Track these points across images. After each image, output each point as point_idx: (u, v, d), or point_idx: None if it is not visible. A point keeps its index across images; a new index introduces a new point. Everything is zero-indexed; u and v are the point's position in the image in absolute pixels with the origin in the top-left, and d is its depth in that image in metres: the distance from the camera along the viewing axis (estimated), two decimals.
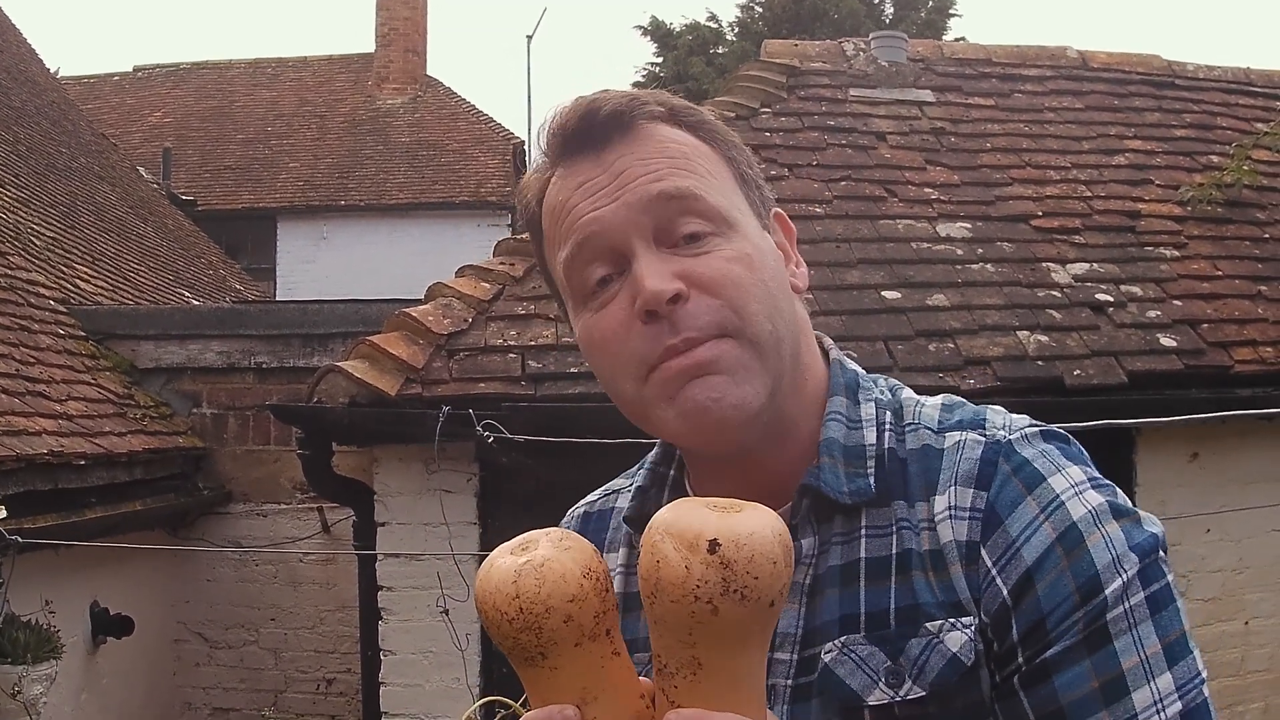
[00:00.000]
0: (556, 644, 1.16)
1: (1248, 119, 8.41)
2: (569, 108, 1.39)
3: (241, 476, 9.39)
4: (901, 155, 7.62)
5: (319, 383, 6.04)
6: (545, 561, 1.17)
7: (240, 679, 9.38)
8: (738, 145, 1.45)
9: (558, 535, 1.21)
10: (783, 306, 1.37)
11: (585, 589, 1.17)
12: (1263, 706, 6.49)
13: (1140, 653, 1.23)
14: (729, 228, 1.35)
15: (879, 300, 6.33)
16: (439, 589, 6.05)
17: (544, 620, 1.15)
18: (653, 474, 1.54)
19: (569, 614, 1.15)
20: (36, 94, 14.90)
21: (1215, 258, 7.00)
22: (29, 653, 6.23)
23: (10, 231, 9.77)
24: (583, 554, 1.19)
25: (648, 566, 1.12)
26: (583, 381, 5.87)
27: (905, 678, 1.27)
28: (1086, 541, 1.25)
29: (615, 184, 1.34)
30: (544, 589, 1.15)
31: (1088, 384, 5.98)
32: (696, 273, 1.32)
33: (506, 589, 1.16)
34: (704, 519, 1.11)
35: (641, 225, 1.33)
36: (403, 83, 23.41)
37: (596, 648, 1.18)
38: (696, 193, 1.34)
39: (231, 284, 16.27)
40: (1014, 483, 1.30)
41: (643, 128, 1.37)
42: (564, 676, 1.17)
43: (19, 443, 6.43)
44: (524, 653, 1.17)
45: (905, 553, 1.32)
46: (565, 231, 1.37)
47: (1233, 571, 6.47)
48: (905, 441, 1.40)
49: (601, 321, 1.37)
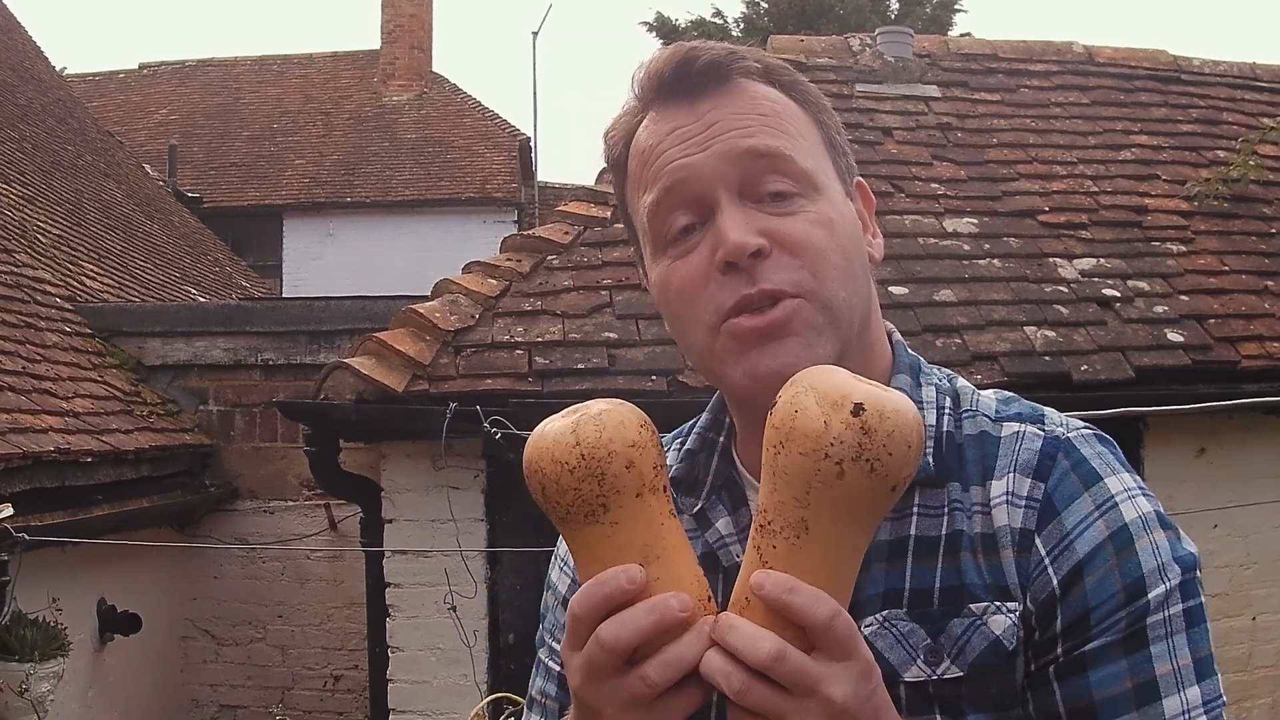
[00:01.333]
0: (619, 492, 1.14)
1: (1254, 114, 8.39)
2: (666, 54, 1.39)
3: (248, 473, 9.40)
4: (908, 151, 7.62)
5: (326, 379, 6.04)
6: (603, 411, 1.17)
7: (247, 676, 9.39)
8: (829, 110, 1.46)
9: (606, 401, 1.20)
10: (858, 275, 1.38)
11: (644, 437, 1.17)
12: (1270, 702, 6.49)
13: (1174, 662, 1.24)
14: (815, 190, 1.36)
15: (886, 296, 6.32)
16: (446, 585, 6.06)
17: (607, 465, 1.13)
18: (702, 439, 1.54)
19: (630, 459, 1.14)
20: (42, 91, 14.90)
21: (1222, 253, 6.99)
22: (36, 650, 6.24)
23: (16, 229, 9.78)
24: (635, 410, 1.19)
25: (783, 414, 1.11)
26: (590, 378, 5.87)
27: (944, 657, 1.28)
28: (1136, 544, 1.27)
29: (707, 133, 1.35)
30: (605, 433, 1.14)
31: (1095, 379, 5.98)
32: (780, 231, 1.33)
33: (566, 439, 1.15)
34: (854, 384, 1.10)
35: (729, 177, 1.33)
36: (408, 79, 23.40)
37: (656, 502, 1.17)
38: (786, 153, 1.34)
39: (238, 281, 16.28)
40: (1072, 478, 1.31)
41: (738, 82, 1.37)
42: (624, 532, 1.15)
43: (26, 440, 6.44)
44: (585, 506, 1.15)
45: (956, 534, 1.33)
46: (653, 176, 1.38)
47: (1240, 567, 6.46)
48: (963, 427, 1.40)
49: (680, 269, 1.37)
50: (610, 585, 1.14)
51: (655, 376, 5.87)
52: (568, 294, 6.38)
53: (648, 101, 1.41)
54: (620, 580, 1.13)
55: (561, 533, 1.21)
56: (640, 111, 1.42)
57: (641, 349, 6.03)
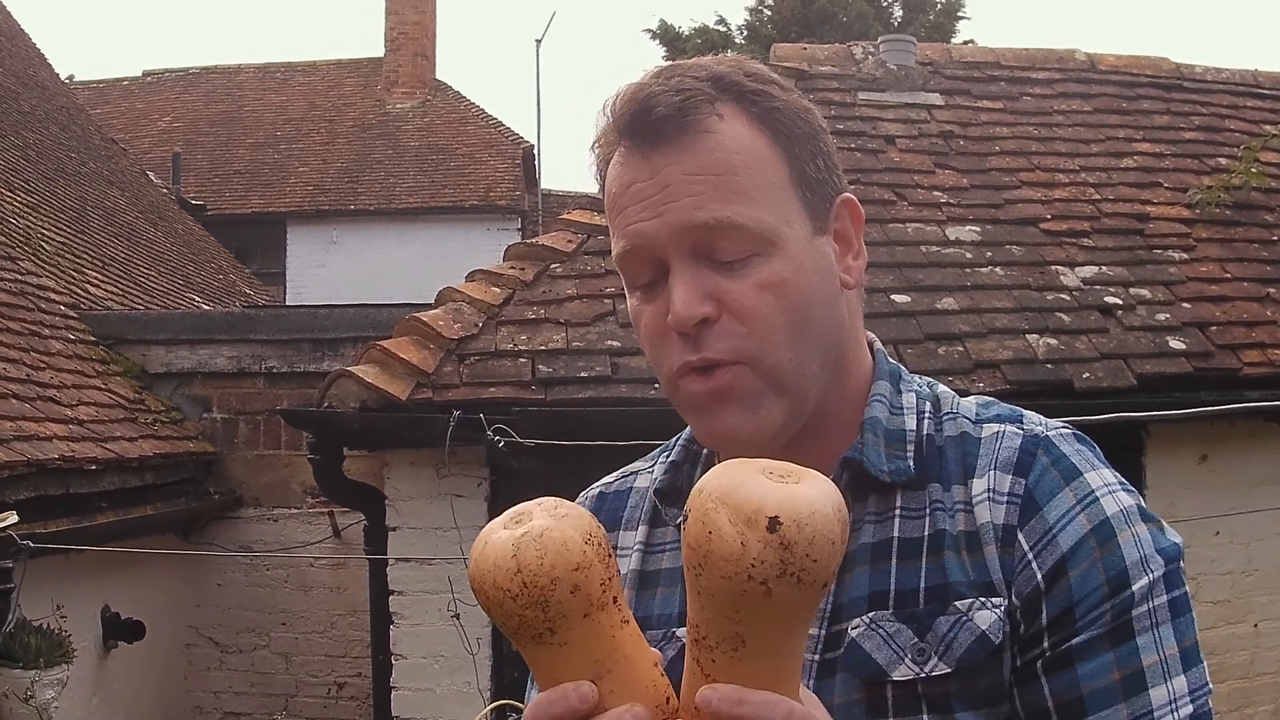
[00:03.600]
0: (565, 616, 1.10)
1: (1256, 121, 8.38)
2: (626, 96, 1.38)
3: (252, 481, 9.40)
4: (910, 159, 7.62)
5: (329, 387, 6.05)
6: (544, 531, 1.11)
7: (251, 683, 9.39)
8: (806, 135, 1.42)
9: (551, 504, 1.16)
10: (814, 326, 1.38)
11: (589, 556, 1.12)
12: (1272, 709, 6.49)
13: (1160, 652, 1.26)
14: (771, 246, 1.35)
15: (888, 304, 6.33)
16: (450, 593, 6.06)
17: (550, 593, 1.09)
18: (686, 450, 1.56)
19: (575, 583, 1.10)
20: (46, 99, 14.91)
21: (1224, 260, 6.99)
22: (40, 657, 6.24)
23: (20, 236, 9.79)
24: (581, 519, 1.14)
25: (697, 535, 1.07)
26: (593, 386, 5.88)
27: (931, 655, 1.29)
28: (1118, 537, 1.29)
29: (660, 196, 1.34)
30: (547, 559, 1.10)
31: (1097, 387, 5.98)
32: (729, 297, 1.34)
33: (506, 564, 1.10)
34: (763, 490, 1.06)
35: (680, 245, 1.34)
36: (412, 87, 23.40)
37: (605, 617, 1.13)
38: (736, 221, 1.33)
39: (241, 289, 16.27)
40: (1053, 473, 1.33)
41: (694, 135, 1.35)
42: (575, 651, 1.12)
43: (30, 448, 6.44)
44: (530, 630, 1.11)
45: (939, 534, 1.34)
46: (617, 228, 1.39)
47: (1242, 574, 6.46)
48: (943, 429, 1.43)
49: (644, 315, 1.41)
50: (560, 705, 1.12)
51: (658, 385, 5.86)
52: (571, 302, 6.39)
53: (615, 136, 1.40)
54: (571, 700, 1.12)
55: (515, 647, 1.18)
56: (614, 141, 1.41)
57: (644, 357, 6.01)
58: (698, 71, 1.38)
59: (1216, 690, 1.30)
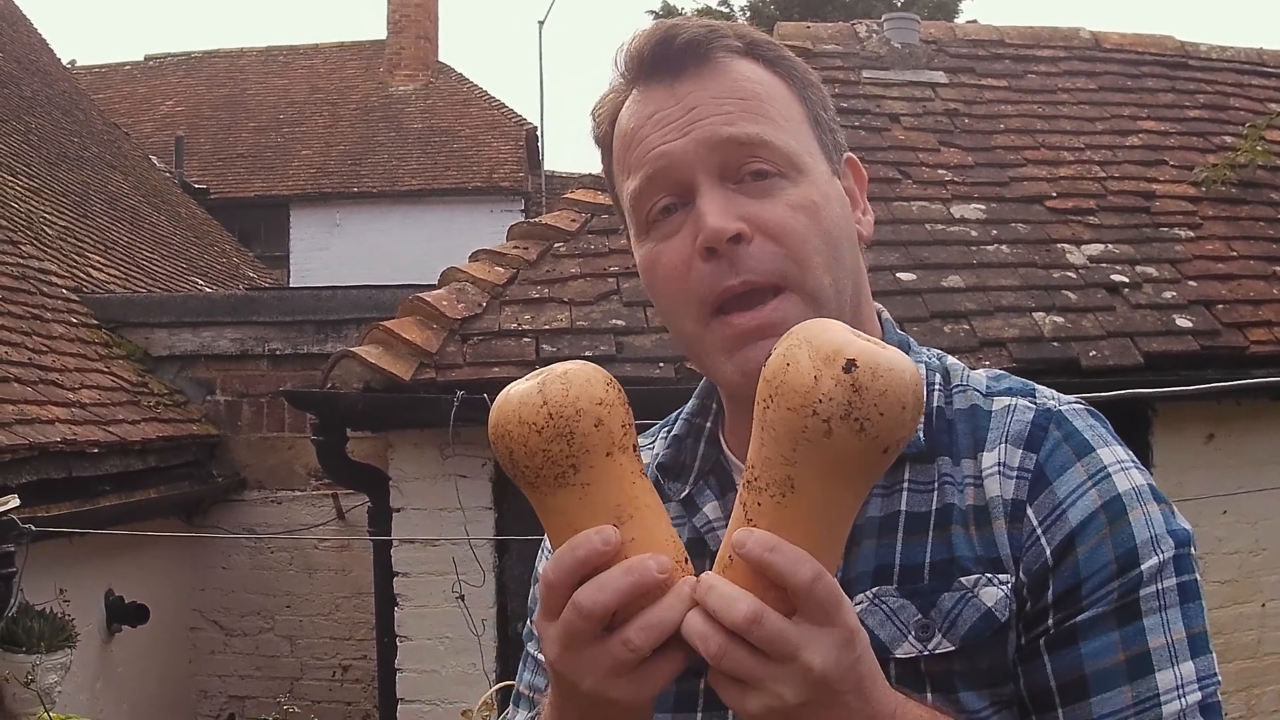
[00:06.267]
0: (589, 451, 1.11)
1: (1261, 99, 8.37)
2: (646, 33, 1.37)
3: (256, 463, 9.40)
4: (915, 137, 7.60)
5: (333, 368, 6.04)
6: (567, 370, 1.14)
7: (256, 666, 9.40)
8: (814, 85, 1.43)
9: (568, 362, 1.17)
10: (845, 256, 1.37)
11: (611, 395, 1.14)
12: (1279, 689, 6.47)
13: (1167, 635, 1.23)
14: (797, 172, 1.34)
15: (894, 282, 6.30)
16: (455, 574, 6.05)
17: (575, 424, 1.10)
18: (689, 424, 1.52)
19: (599, 417, 1.11)
20: (48, 84, 14.90)
21: (1230, 238, 6.97)
22: (43, 641, 6.23)
23: (23, 221, 9.78)
24: (601, 370, 1.16)
25: (775, 367, 1.07)
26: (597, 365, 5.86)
27: (935, 631, 1.27)
28: (1129, 515, 1.26)
29: (686, 118, 1.33)
30: (572, 391, 1.11)
31: (1103, 365, 5.96)
32: (761, 217, 1.31)
33: (532, 399, 1.12)
34: (850, 339, 1.06)
35: (709, 163, 1.32)
36: (415, 69, 23.38)
37: (627, 461, 1.14)
38: (766, 139, 1.32)
39: (245, 272, 16.29)
40: (1064, 448, 1.30)
41: (719, 61, 1.35)
42: (596, 493, 1.12)
43: (33, 431, 6.43)
44: (554, 467, 1.11)
45: (946, 508, 1.32)
46: (635, 162, 1.37)
47: (1249, 553, 6.45)
48: (953, 402, 1.40)
49: (664, 254, 1.36)
50: (585, 548, 1.10)
51: (663, 364, 5.86)
52: (575, 281, 6.37)
53: (630, 80, 1.40)
54: (595, 542, 1.10)
55: (532, 501, 1.17)
56: (624, 90, 1.41)
57: (649, 336, 6.02)
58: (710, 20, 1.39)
59: (1224, 670, 1.27)
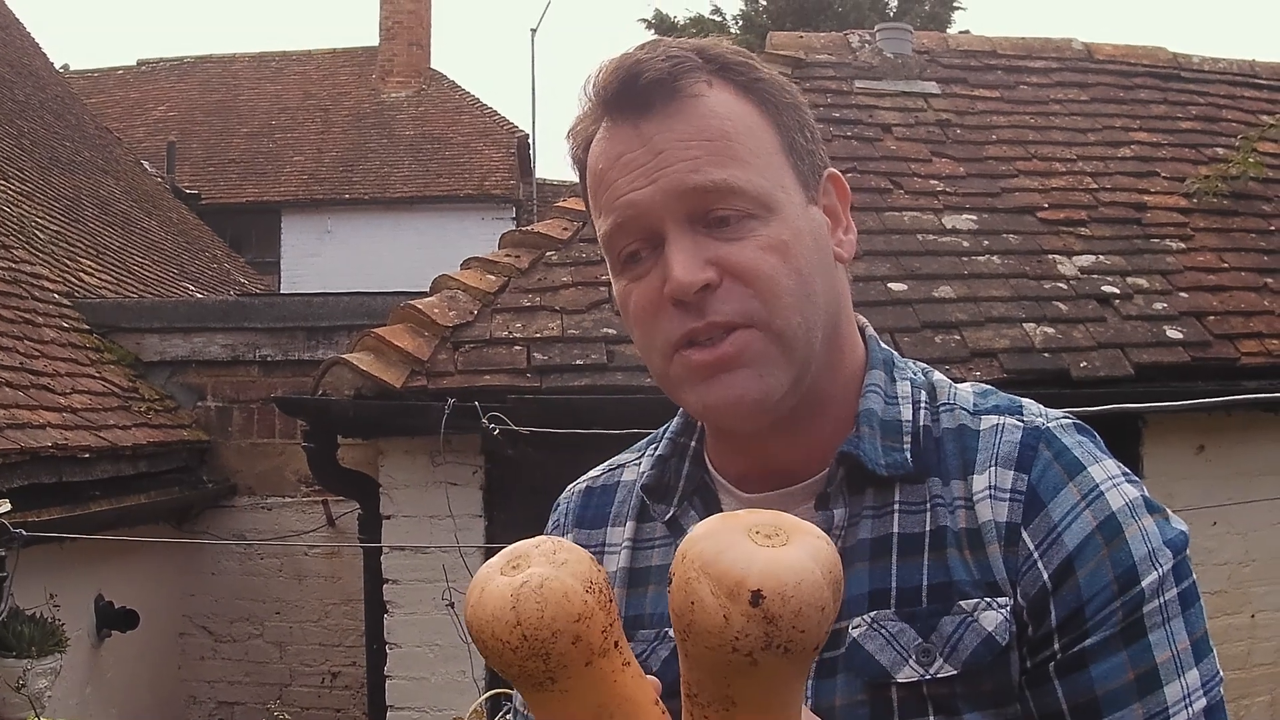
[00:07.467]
0: (566, 667, 1.07)
1: (1253, 111, 8.38)
2: (611, 66, 1.35)
3: (246, 470, 9.39)
4: (907, 147, 7.61)
5: (324, 375, 6.04)
6: (544, 581, 1.08)
7: (245, 672, 9.39)
8: (792, 105, 1.40)
9: (550, 548, 1.12)
10: (817, 291, 1.35)
11: (590, 605, 1.08)
12: (1269, 700, 6.48)
13: (1173, 647, 1.24)
14: (768, 211, 1.32)
15: (885, 292, 6.31)
16: (444, 582, 6.04)
17: (551, 645, 1.06)
18: (673, 444, 1.51)
19: (577, 634, 1.07)
20: (40, 88, 14.89)
21: (1221, 250, 6.98)
22: (34, 646, 6.23)
23: (14, 225, 9.76)
24: (580, 565, 1.11)
25: (680, 605, 1.03)
26: (588, 374, 5.87)
27: (936, 656, 1.26)
28: (1125, 532, 1.26)
29: (653, 163, 1.31)
30: (547, 612, 1.06)
31: (1094, 376, 5.97)
32: (729, 260, 1.30)
33: (505, 616, 1.07)
34: (748, 559, 1.01)
35: (676, 211, 1.30)
36: (407, 76, 23.37)
37: (607, 664, 1.10)
38: (733, 185, 1.30)
39: (236, 277, 16.27)
40: (1056, 468, 1.30)
41: (685, 99, 1.32)
42: (575, 698, 1.10)
43: (23, 436, 6.43)
44: (531, 680, 1.09)
45: (940, 530, 1.31)
46: (605, 205, 1.35)
47: (1239, 564, 6.45)
48: (940, 421, 1.39)
49: (635, 294, 1.35)
50: None
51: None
52: (566, 290, 6.37)
53: (599, 113, 1.37)
54: None
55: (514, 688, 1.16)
56: (595, 118, 1.38)
57: None
58: (682, 44, 1.36)
59: None
